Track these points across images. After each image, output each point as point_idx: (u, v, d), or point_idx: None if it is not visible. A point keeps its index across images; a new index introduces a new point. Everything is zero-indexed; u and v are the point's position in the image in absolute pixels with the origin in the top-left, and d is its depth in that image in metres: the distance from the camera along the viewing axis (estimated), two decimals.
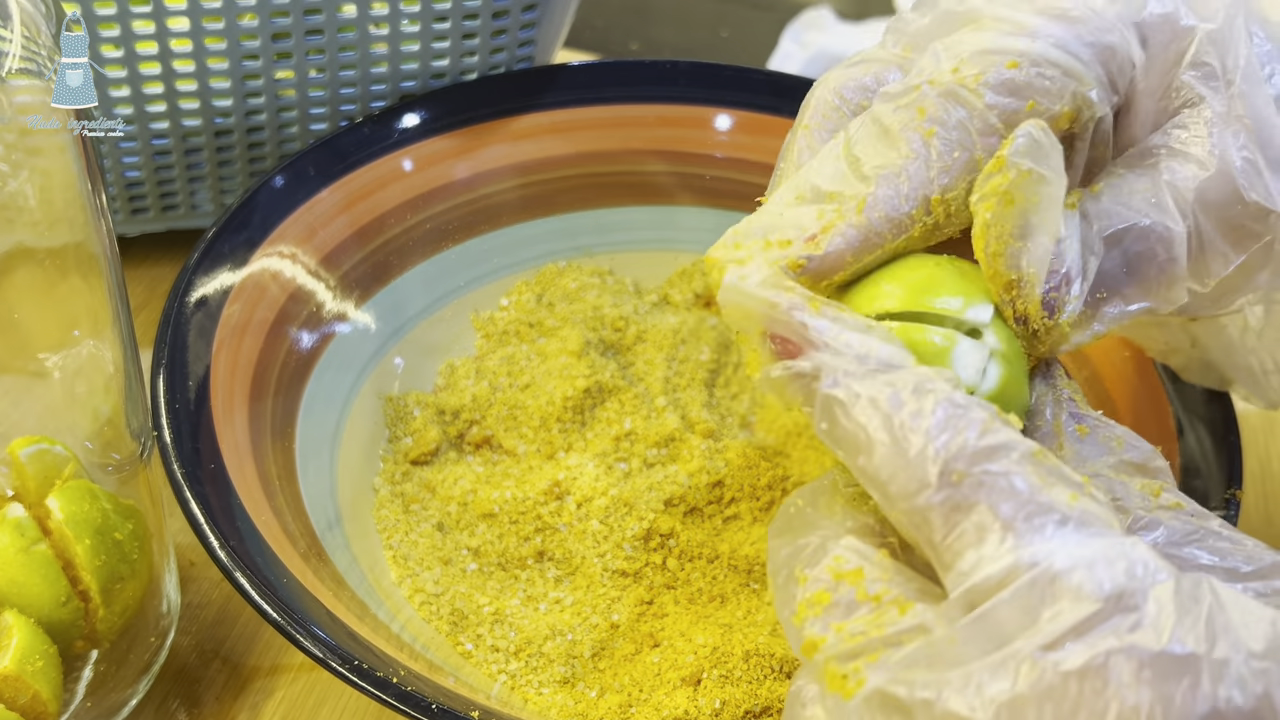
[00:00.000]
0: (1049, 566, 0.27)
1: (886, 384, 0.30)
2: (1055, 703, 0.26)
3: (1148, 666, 0.26)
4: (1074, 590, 0.26)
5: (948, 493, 0.28)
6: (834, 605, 0.30)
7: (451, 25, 0.53)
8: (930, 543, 0.29)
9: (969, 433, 0.29)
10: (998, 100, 0.34)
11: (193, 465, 0.40)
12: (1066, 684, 0.26)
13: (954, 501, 0.28)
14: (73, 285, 0.37)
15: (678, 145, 0.55)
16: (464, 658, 0.43)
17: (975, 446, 0.28)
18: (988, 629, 0.27)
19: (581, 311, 0.53)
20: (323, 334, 0.49)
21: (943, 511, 0.28)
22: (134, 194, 0.55)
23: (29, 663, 0.37)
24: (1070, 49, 0.35)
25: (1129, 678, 0.26)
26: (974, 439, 0.29)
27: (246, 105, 0.53)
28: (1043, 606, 0.27)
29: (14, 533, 0.38)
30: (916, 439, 0.29)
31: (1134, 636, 0.26)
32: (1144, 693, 0.26)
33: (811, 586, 0.30)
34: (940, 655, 0.27)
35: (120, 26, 0.49)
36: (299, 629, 0.36)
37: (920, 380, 0.30)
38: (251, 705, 0.43)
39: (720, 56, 0.59)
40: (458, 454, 0.50)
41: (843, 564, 0.30)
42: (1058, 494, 0.28)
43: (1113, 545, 0.27)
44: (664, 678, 0.41)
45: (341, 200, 0.51)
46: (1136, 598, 0.26)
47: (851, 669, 0.28)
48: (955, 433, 0.29)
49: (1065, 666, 0.26)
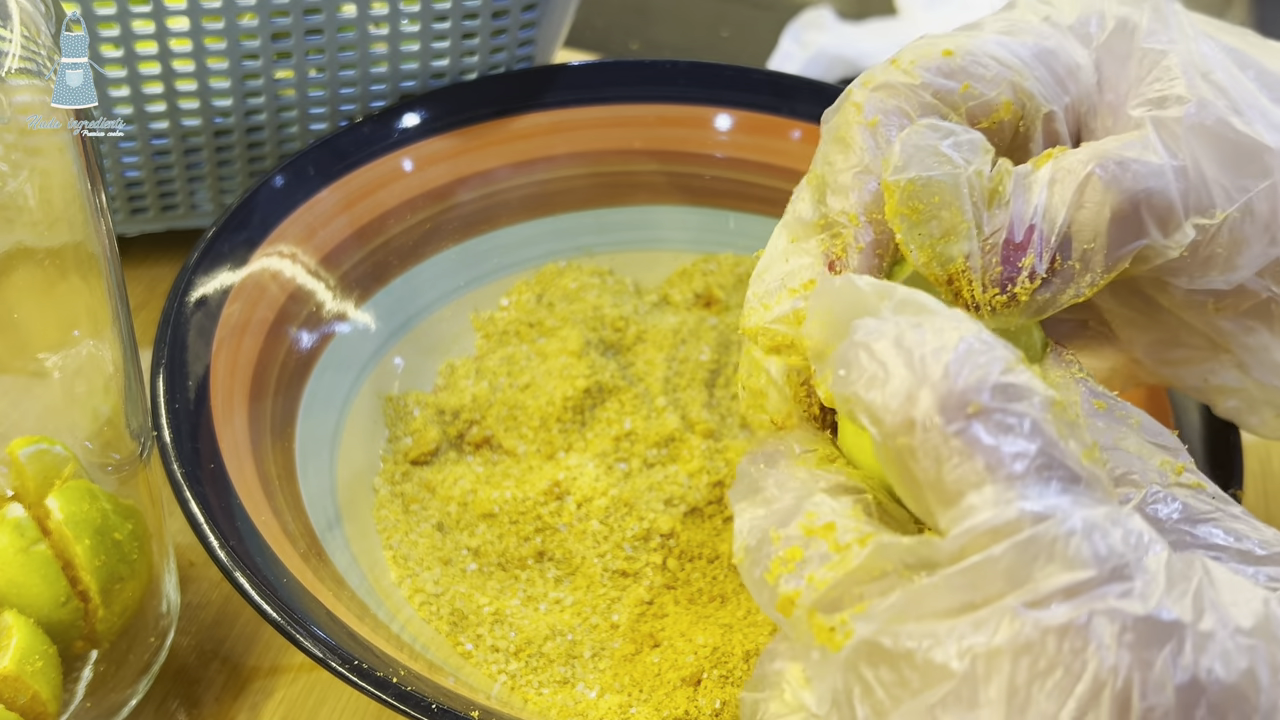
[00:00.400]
0: (1053, 525, 0.26)
1: (913, 324, 0.29)
2: (1033, 657, 0.26)
3: (1130, 630, 0.26)
4: (1072, 553, 0.26)
5: (960, 425, 0.27)
6: (807, 560, 0.29)
7: (451, 25, 0.53)
8: (930, 477, 0.27)
9: (993, 368, 0.27)
10: (931, 79, 0.35)
11: (192, 465, 0.40)
12: (1045, 639, 0.26)
13: (966, 435, 0.27)
14: (72, 285, 0.37)
15: (678, 145, 0.55)
16: (464, 658, 0.43)
17: (997, 381, 0.27)
18: (978, 580, 0.26)
19: (581, 311, 0.53)
20: (322, 334, 0.49)
21: (951, 444, 0.27)
22: (133, 194, 0.55)
23: (28, 663, 0.37)
24: (1009, 47, 0.36)
25: (1110, 639, 0.25)
26: (996, 374, 0.27)
27: (246, 105, 0.53)
28: (1036, 565, 0.26)
29: (13, 533, 0.38)
30: (936, 368, 0.28)
31: (1120, 601, 0.26)
32: (1124, 655, 0.25)
33: (784, 544, 0.30)
34: (928, 604, 0.27)
35: (120, 26, 0.49)
36: (299, 629, 0.36)
37: (948, 319, 0.29)
38: (251, 705, 0.43)
39: (720, 56, 0.59)
40: (458, 454, 0.50)
41: (814, 520, 0.30)
42: (1072, 449, 0.27)
43: (1113, 513, 0.27)
44: (664, 678, 0.41)
45: (341, 200, 0.51)
46: (1130, 567, 0.26)
47: (839, 621, 0.28)
48: (977, 366, 0.27)
49: (1047, 622, 0.26)
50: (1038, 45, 0.36)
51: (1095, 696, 0.25)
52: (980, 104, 0.36)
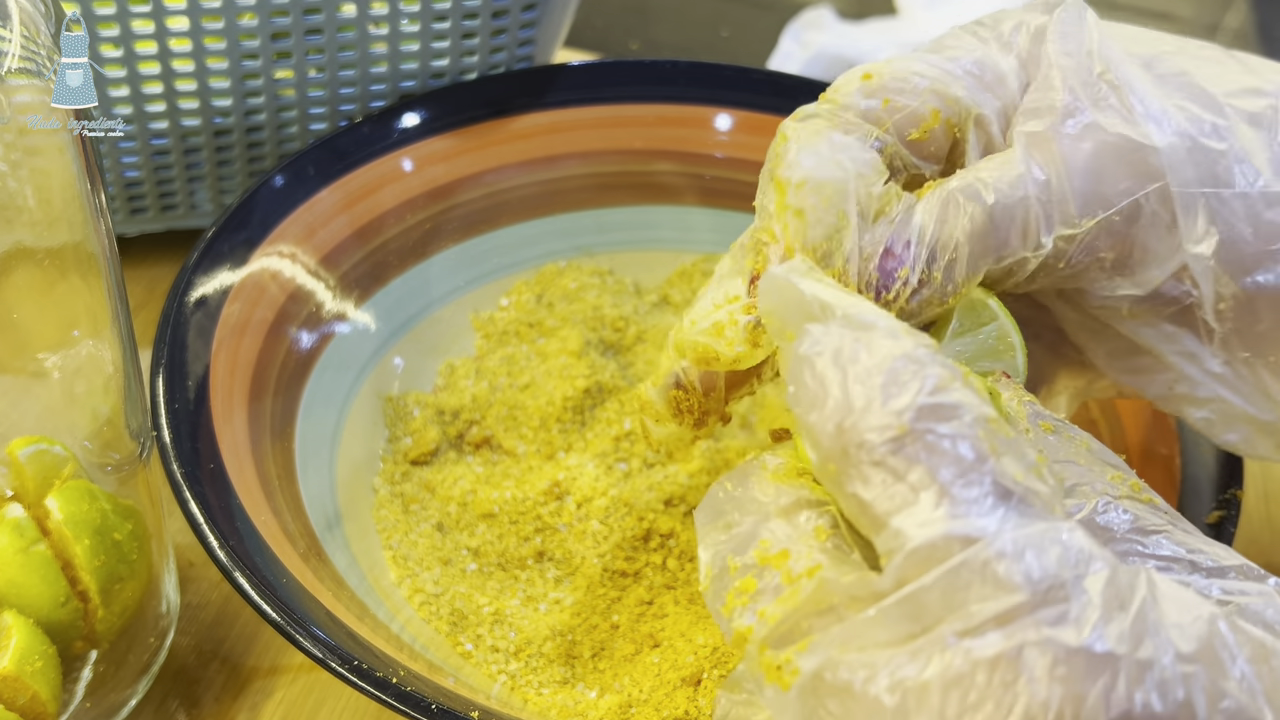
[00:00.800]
0: (981, 549, 0.26)
1: (853, 339, 0.28)
2: (962, 690, 0.25)
3: (1063, 663, 0.25)
4: (1002, 577, 0.25)
5: (887, 449, 0.27)
6: (761, 592, 0.29)
7: (451, 25, 0.53)
8: (863, 504, 0.27)
9: (921, 389, 0.27)
10: (854, 102, 0.36)
11: (192, 465, 0.40)
12: (976, 672, 0.25)
13: (892, 460, 0.27)
14: (72, 285, 0.37)
15: (678, 145, 0.55)
16: (464, 658, 0.43)
17: (923, 403, 0.27)
18: (914, 610, 0.26)
19: (581, 311, 0.53)
20: (322, 334, 0.49)
21: (879, 470, 0.27)
22: (133, 194, 0.55)
23: (28, 663, 0.37)
24: (931, 61, 0.37)
25: (1042, 672, 0.25)
26: (924, 396, 0.27)
27: (246, 105, 0.53)
28: (969, 591, 0.26)
29: (13, 533, 0.38)
30: (865, 391, 0.27)
31: (1053, 630, 0.25)
32: (1055, 689, 0.25)
33: (740, 575, 0.30)
34: (869, 636, 0.27)
35: (119, 26, 0.49)
36: (298, 629, 0.36)
37: (887, 334, 0.28)
38: (251, 706, 0.43)
39: (720, 56, 0.59)
40: (457, 454, 0.50)
41: (768, 548, 0.29)
42: (1005, 466, 0.27)
43: (1050, 530, 0.26)
44: (664, 678, 0.41)
45: (341, 200, 0.51)
46: (1067, 589, 0.26)
47: (784, 659, 0.28)
48: (905, 387, 0.27)
49: (977, 655, 0.25)
50: (963, 57, 0.37)
51: None
52: (906, 116, 0.36)
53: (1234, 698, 0.26)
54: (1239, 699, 0.26)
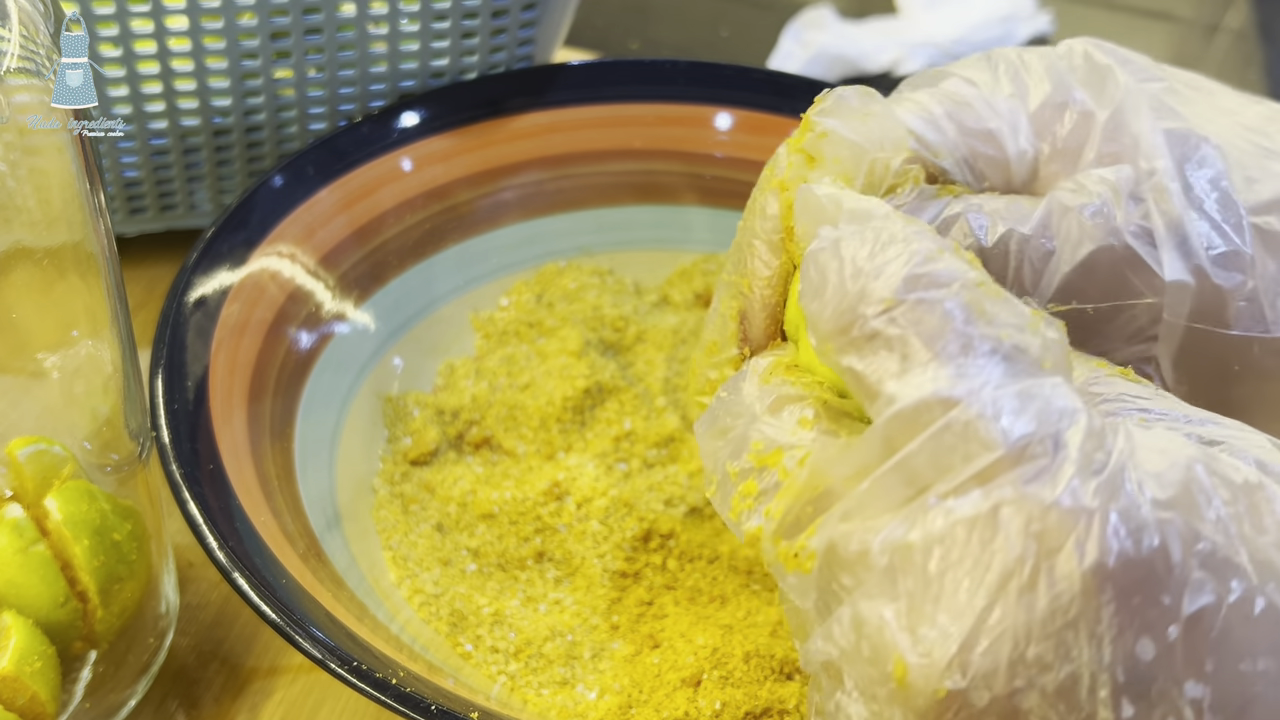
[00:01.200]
0: (964, 409, 0.26)
1: (854, 231, 0.29)
2: (944, 549, 0.26)
3: (1037, 519, 0.25)
4: (983, 436, 0.26)
5: (878, 321, 0.28)
6: (762, 493, 0.30)
7: (451, 24, 0.53)
8: (858, 375, 0.28)
9: (910, 260, 0.28)
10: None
11: (191, 466, 0.40)
12: (955, 531, 0.26)
13: (884, 330, 0.28)
14: (71, 285, 0.37)
15: (678, 144, 0.55)
16: (463, 659, 0.43)
17: (911, 273, 0.28)
18: (907, 475, 0.27)
19: (581, 311, 0.53)
20: (322, 334, 0.48)
21: (872, 341, 0.28)
22: (132, 193, 0.55)
23: (27, 664, 0.37)
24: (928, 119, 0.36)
25: (1017, 529, 0.26)
26: (912, 266, 0.28)
27: (245, 105, 0.53)
28: (954, 452, 0.26)
29: (12, 533, 0.38)
30: (856, 271, 0.28)
31: (1029, 487, 0.26)
32: (1030, 545, 0.25)
33: (741, 480, 0.31)
34: (869, 506, 0.27)
35: (119, 25, 0.49)
36: (298, 630, 0.36)
37: (885, 221, 0.29)
38: (250, 706, 0.43)
39: (720, 55, 0.59)
40: (457, 454, 0.50)
41: (761, 449, 0.30)
42: (993, 326, 0.27)
43: (1033, 387, 0.27)
44: (664, 679, 0.41)
45: (340, 200, 0.51)
46: (1045, 444, 0.26)
47: (799, 547, 0.28)
48: (894, 262, 0.28)
49: (958, 514, 0.26)
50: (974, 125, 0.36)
51: (1003, 587, 0.26)
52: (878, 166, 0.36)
53: (1209, 539, 0.26)
54: (1214, 539, 0.26)
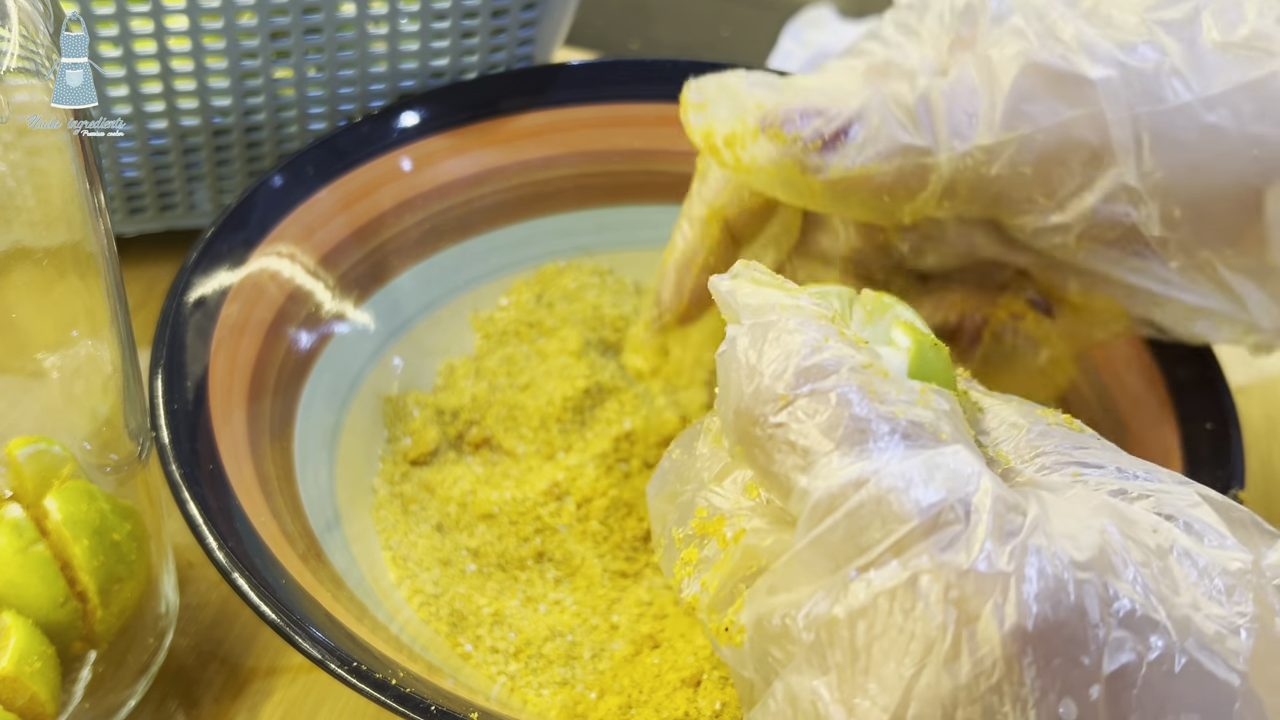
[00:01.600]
0: (874, 486, 0.27)
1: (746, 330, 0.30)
2: (868, 621, 0.26)
3: (955, 586, 0.26)
4: (895, 509, 0.26)
5: (777, 420, 0.28)
6: (702, 561, 0.30)
7: (450, 24, 0.53)
8: (769, 476, 0.29)
9: (799, 354, 0.28)
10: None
11: (191, 466, 0.40)
12: (877, 602, 0.26)
13: (783, 428, 0.28)
14: (70, 285, 0.37)
15: (678, 144, 0.55)
16: (463, 659, 0.43)
17: (800, 366, 0.28)
18: (826, 551, 0.27)
19: (581, 311, 0.53)
20: (321, 334, 0.48)
21: (774, 440, 0.28)
22: (132, 193, 0.55)
23: (27, 664, 0.37)
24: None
25: (936, 598, 0.26)
26: (802, 359, 0.28)
27: (245, 104, 0.53)
28: (869, 527, 0.27)
29: (12, 533, 0.38)
30: (752, 372, 0.29)
31: (945, 555, 0.26)
32: (950, 612, 0.26)
33: (684, 546, 0.31)
34: (791, 581, 0.28)
35: (118, 25, 0.48)
36: (297, 630, 0.36)
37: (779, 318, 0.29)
38: (250, 707, 0.43)
39: (720, 55, 0.59)
40: (457, 454, 0.50)
41: (705, 516, 0.31)
42: (887, 405, 0.28)
43: (934, 457, 0.27)
44: (664, 679, 0.41)
45: (340, 200, 0.51)
46: (957, 510, 0.26)
47: (729, 621, 0.29)
48: (784, 357, 0.29)
49: (877, 586, 0.26)
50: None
51: (928, 655, 0.26)
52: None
53: (1127, 598, 0.26)
54: (1132, 598, 0.26)
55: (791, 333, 0.29)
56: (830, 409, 0.28)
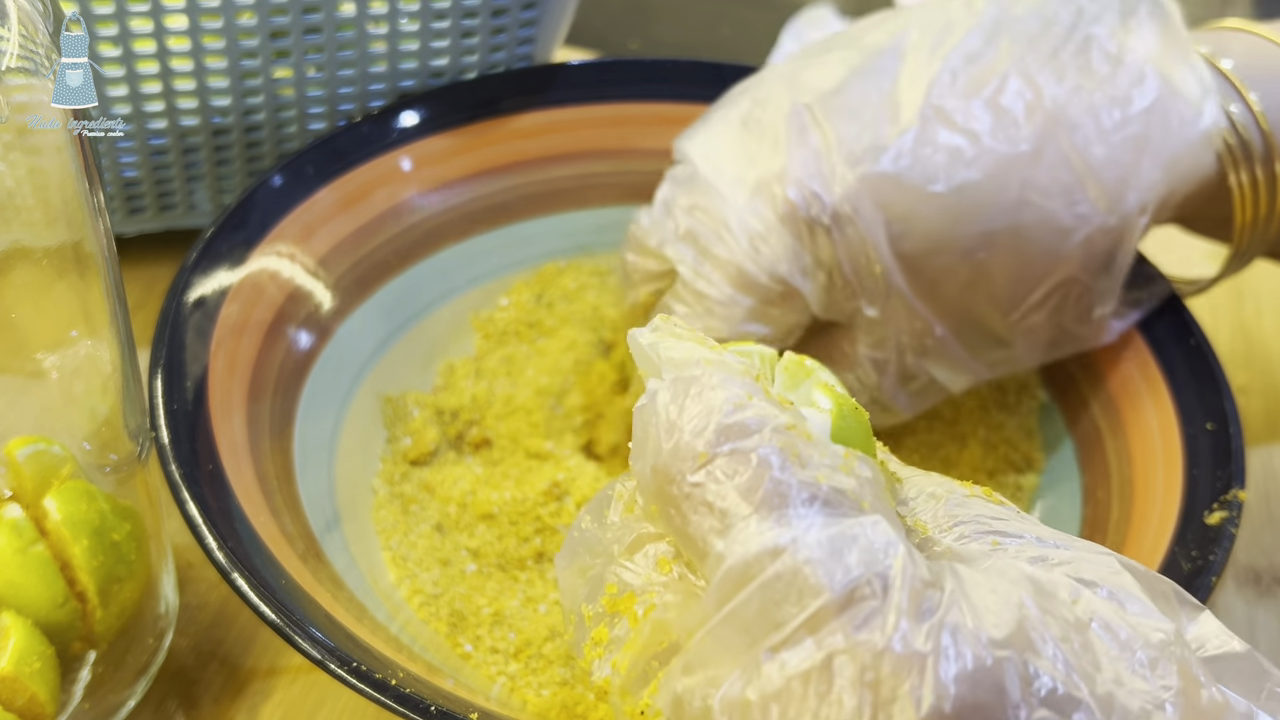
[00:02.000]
0: (789, 556, 0.26)
1: (667, 385, 0.29)
2: (782, 705, 0.25)
3: (870, 668, 0.25)
4: (810, 582, 0.26)
5: (694, 479, 0.27)
6: (612, 642, 0.29)
7: (450, 24, 0.53)
8: (686, 537, 0.28)
9: (720, 411, 0.28)
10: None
11: (190, 466, 0.40)
12: (791, 686, 0.25)
13: (701, 488, 0.27)
14: (70, 285, 0.37)
15: None
16: (463, 659, 0.43)
17: (721, 423, 0.27)
18: (740, 625, 0.26)
19: (581, 311, 0.53)
20: (321, 334, 0.48)
21: (690, 500, 0.27)
22: (131, 193, 0.55)
23: (26, 664, 0.37)
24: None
25: (851, 680, 0.25)
26: (724, 416, 0.27)
27: (244, 104, 0.53)
28: (784, 601, 0.26)
29: (11, 533, 0.38)
30: (670, 429, 0.28)
31: (860, 634, 0.25)
32: (866, 695, 0.25)
33: (594, 624, 0.30)
34: (706, 659, 0.27)
35: (118, 25, 0.48)
36: (297, 630, 0.36)
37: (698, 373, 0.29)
38: (250, 707, 0.43)
39: (720, 55, 0.59)
40: (457, 454, 0.49)
41: (615, 592, 0.30)
42: (808, 470, 0.27)
43: (853, 528, 0.26)
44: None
45: (340, 199, 0.51)
46: (873, 585, 0.26)
47: (644, 705, 0.28)
48: (704, 414, 0.28)
49: (791, 668, 0.25)
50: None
51: None
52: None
53: (1048, 675, 0.25)
54: (1053, 675, 0.25)
55: (714, 389, 0.28)
56: (750, 470, 0.27)
